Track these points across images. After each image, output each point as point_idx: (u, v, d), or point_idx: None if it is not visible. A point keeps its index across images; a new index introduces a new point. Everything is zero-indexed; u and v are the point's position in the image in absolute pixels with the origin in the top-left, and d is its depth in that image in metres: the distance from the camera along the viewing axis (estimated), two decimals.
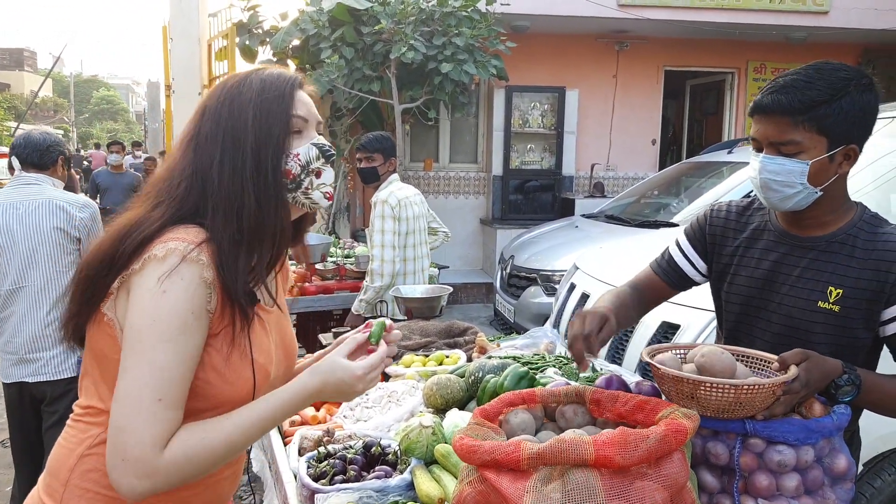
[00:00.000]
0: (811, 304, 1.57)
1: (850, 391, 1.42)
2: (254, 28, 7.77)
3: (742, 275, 1.71)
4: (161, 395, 1.08)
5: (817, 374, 1.39)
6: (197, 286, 1.11)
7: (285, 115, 1.23)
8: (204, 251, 1.13)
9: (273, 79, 1.25)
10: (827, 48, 9.34)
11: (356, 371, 1.24)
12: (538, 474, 1.15)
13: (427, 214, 4.10)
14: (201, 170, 1.19)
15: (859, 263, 1.54)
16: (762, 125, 1.55)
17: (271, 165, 1.20)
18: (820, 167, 1.51)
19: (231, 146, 1.19)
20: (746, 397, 1.30)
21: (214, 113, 1.22)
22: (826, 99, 1.48)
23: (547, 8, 8.06)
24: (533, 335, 2.59)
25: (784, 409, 1.36)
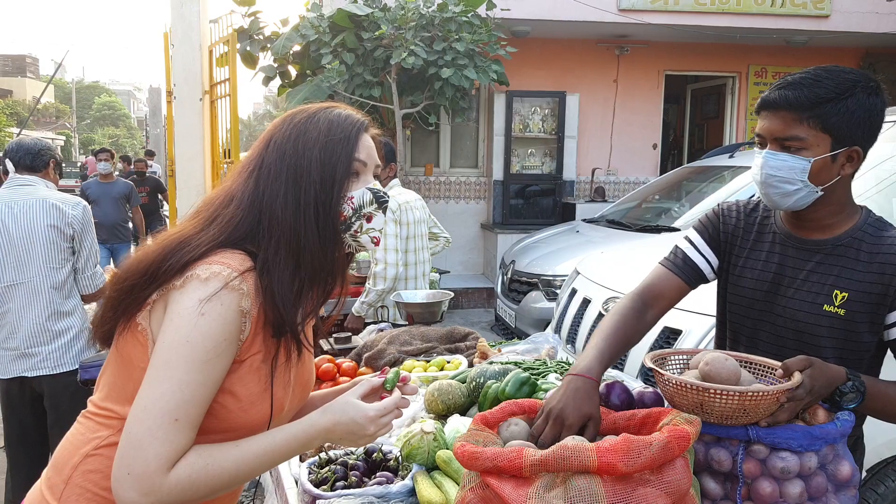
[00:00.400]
0: (816, 308, 1.57)
1: (855, 398, 1.42)
2: (255, 34, 7.79)
3: (747, 276, 1.70)
4: (178, 416, 1.09)
5: (821, 381, 1.38)
6: (234, 314, 1.13)
7: (348, 158, 1.25)
8: (246, 280, 1.15)
9: (340, 120, 1.27)
10: (828, 52, 9.35)
11: (369, 412, 1.24)
12: (540, 481, 1.14)
13: (428, 220, 4.10)
14: (261, 201, 1.21)
15: (864, 267, 1.54)
16: (767, 120, 1.55)
17: (332, 206, 1.23)
18: (822, 166, 1.51)
19: (294, 182, 1.21)
20: (750, 404, 1.29)
21: (280, 146, 1.24)
22: (833, 97, 1.48)
23: (547, 13, 8.07)
24: (534, 340, 2.58)
25: (788, 416, 1.34)
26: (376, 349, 2.63)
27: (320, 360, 2.60)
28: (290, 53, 7.71)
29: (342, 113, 1.29)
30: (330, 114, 1.28)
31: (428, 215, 4.10)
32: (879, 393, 1.47)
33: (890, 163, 3.14)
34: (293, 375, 1.30)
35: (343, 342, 2.95)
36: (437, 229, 4.24)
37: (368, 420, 1.23)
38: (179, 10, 8.13)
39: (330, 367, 2.54)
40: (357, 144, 1.27)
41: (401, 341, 2.70)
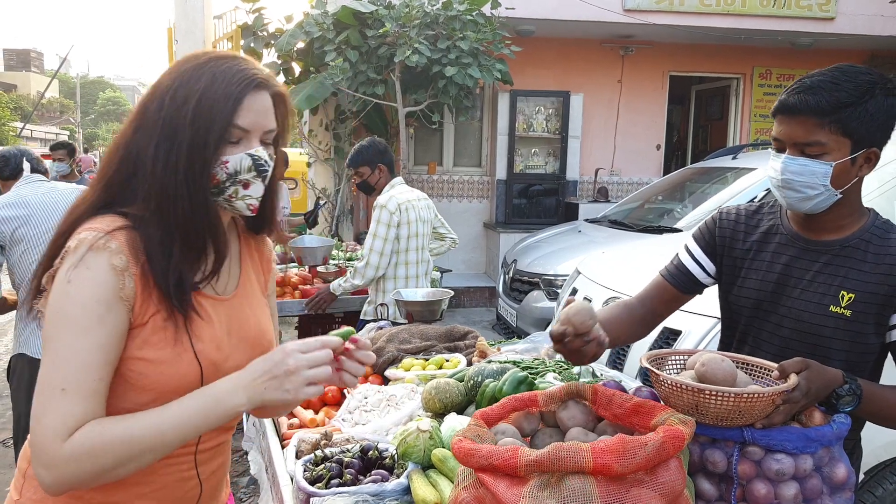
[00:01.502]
0: (822, 308, 1.57)
1: (851, 401, 1.42)
2: (258, 31, 7.80)
3: (753, 277, 1.70)
4: (64, 385, 1.06)
5: (818, 384, 1.38)
6: (106, 274, 1.09)
7: (224, 122, 1.15)
8: (115, 238, 1.11)
9: (227, 76, 1.16)
10: (833, 54, 9.32)
11: (286, 346, 1.13)
12: (535, 480, 1.14)
13: (434, 219, 4.09)
14: (136, 153, 1.16)
15: (871, 268, 1.54)
16: (787, 125, 1.54)
17: (204, 169, 1.16)
18: (842, 169, 1.51)
19: (167, 137, 1.14)
20: (746, 406, 1.29)
21: (161, 95, 1.16)
22: (853, 101, 1.48)
23: (552, 12, 8.06)
24: (533, 340, 2.58)
25: (783, 418, 1.34)
26: (375, 347, 2.63)
27: None
28: (293, 50, 7.71)
29: (233, 67, 1.18)
30: (219, 66, 1.17)
31: (434, 215, 4.09)
32: (876, 396, 1.47)
33: (893, 166, 3.14)
34: (227, 332, 1.25)
35: None
36: (443, 229, 4.23)
37: (285, 353, 1.12)
38: (184, 6, 8.15)
39: None
40: (238, 108, 1.16)
41: (400, 339, 2.70)
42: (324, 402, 2.39)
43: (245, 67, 1.19)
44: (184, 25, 8.14)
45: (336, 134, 8.17)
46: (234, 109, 1.16)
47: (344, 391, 2.39)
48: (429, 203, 4.00)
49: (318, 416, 2.24)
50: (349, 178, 8.15)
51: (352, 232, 8.29)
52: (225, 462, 1.36)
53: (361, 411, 2.17)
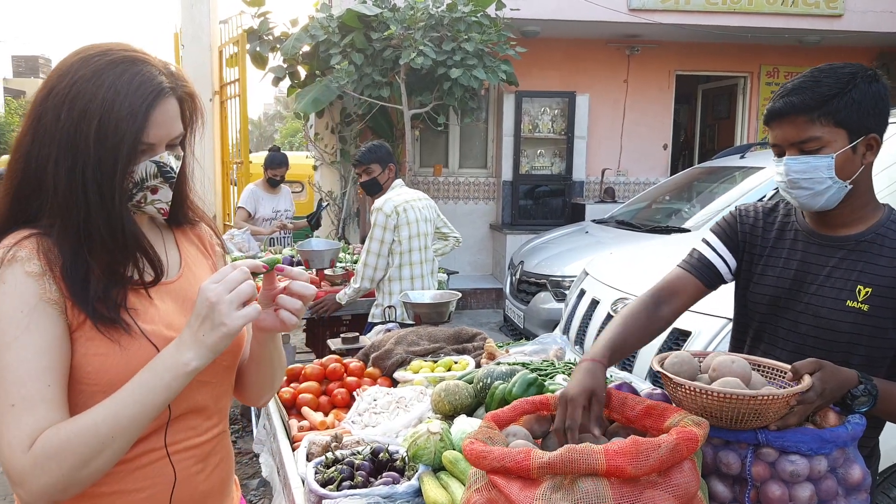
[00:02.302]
0: (839, 304, 1.57)
1: (867, 401, 1.41)
2: (264, 35, 7.81)
3: (769, 275, 1.71)
4: (13, 401, 1.03)
5: (832, 384, 1.38)
6: (21, 283, 1.06)
7: (134, 140, 1.11)
8: (22, 247, 1.08)
9: (130, 90, 1.11)
10: (841, 51, 9.28)
11: (202, 285, 1.10)
12: (548, 483, 1.14)
13: (436, 219, 4.09)
14: (36, 167, 1.11)
15: (888, 262, 1.55)
16: (780, 129, 1.58)
17: (109, 186, 1.11)
18: (845, 159, 1.53)
19: (68, 151, 1.09)
20: (761, 408, 1.28)
21: (57, 103, 1.10)
22: (837, 92, 1.51)
23: (557, 13, 8.05)
24: (542, 341, 2.58)
25: (798, 420, 1.34)
26: (384, 349, 2.63)
27: (328, 359, 2.60)
28: (299, 54, 7.72)
29: (135, 76, 1.12)
30: (119, 74, 1.11)
31: (436, 214, 4.10)
32: (892, 395, 1.47)
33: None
34: (177, 310, 1.22)
35: (350, 342, 2.95)
36: (446, 229, 4.24)
37: (202, 291, 1.08)
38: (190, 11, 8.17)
39: (337, 367, 2.54)
40: (146, 124, 1.12)
41: (408, 341, 2.70)
42: (333, 405, 2.39)
43: (148, 75, 1.13)
44: (190, 30, 8.16)
45: (342, 137, 8.17)
46: (142, 127, 1.12)
47: (353, 393, 2.39)
48: (430, 203, 4.01)
49: (328, 419, 2.24)
50: (355, 181, 8.17)
51: (358, 234, 8.29)
52: (223, 462, 1.32)
53: (371, 413, 2.17)
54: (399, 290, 3.75)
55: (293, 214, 6.11)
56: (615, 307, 3.53)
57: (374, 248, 3.75)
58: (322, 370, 2.53)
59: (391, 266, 3.80)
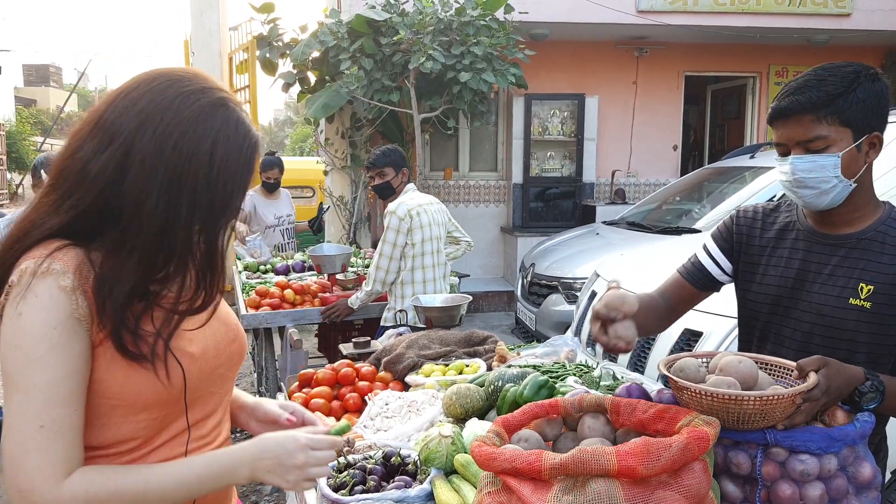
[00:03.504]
0: (842, 302, 1.58)
1: (874, 398, 1.41)
2: (274, 41, 7.85)
3: (771, 274, 1.72)
4: (42, 422, 1.02)
5: (838, 381, 1.38)
6: (55, 298, 1.04)
7: (244, 187, 1.17)
8: (57, 259, 1.06)
9: (238, 138, 1.14)
10: (849, 51, 9.22)
11: (300, 438, 1.17)
12: (559, 484, 1.14)
13: (447, 223, 4.11)
14: (125, 195, 1.08)
15: (889, 259, 1.55)
16: (786, 128, 1.58)
17: (216, 224, 1.16)
18: (850, 158, 1.54)
19: (173, 189, 1.09)
20: (766, 408, 1.29)
21: (160, 139, 1.09)
22: (842, 91, 1.52)
23: (565, 15, 8.05)
24: (553, 343, 2.58)
25: (805, 419, 1.34)
26: (395, 353, 2.64)
27: (340, 364, 2.62)
28: (308, 60, 7.76)
29: (239, 128, 1.15)
30: (226, 123, 1.13)
31: (448, 218, 4.11)
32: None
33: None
34: (207, 335, 1.22)
35: (362, 347, 2.97)
36: (458, 233, 4.25)
37: (298, 446, 1.16)
38: (200, 18, 8.24)
39: (349, 372, 2.55)
40: (251, 177, 1.17)
41: (419, 345, 2.71)
42: (345, 410, 2.41)
43: (247, 123, 1.17)
44: (200, 37, 8.22)
45: (352, 142, 8.21)
46: (250, 176, 1.18)
47: (365, 398, 2.41)
48: (441, 207, 4.02)
49: None
50: (366, 185, 8.20)
51: (369, 239, 8.32)
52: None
53: (383, 417, 2.18)
54: (411, 294, 3.76)
55: (294, 219, 6.09)
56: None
57: (387, 252, 3.76)
58: (334, 375, 2.54)
59: (403, 270, 3.81)
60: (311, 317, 4.09)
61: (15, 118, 27.40)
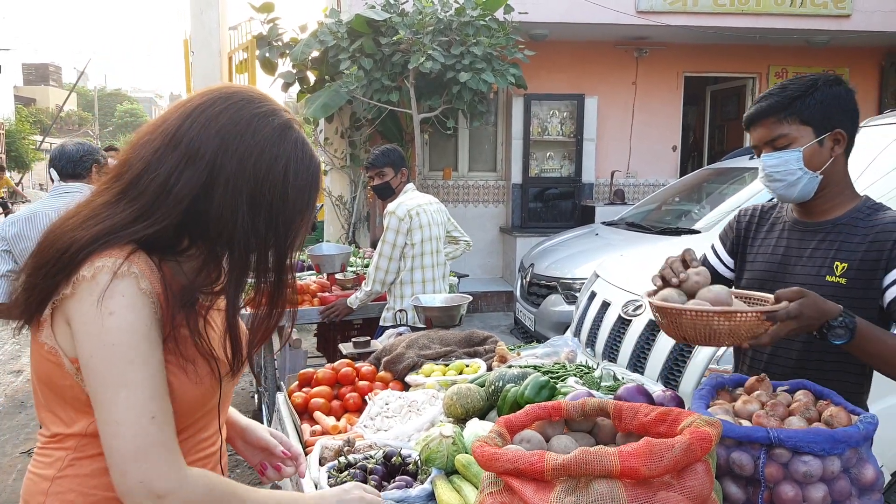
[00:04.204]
0: (820, 279, 1.75)
1: (843, 334, 1.52)
2: (273, 40, 7.85)
3: (759, 261, 1.92)
4: (153, 413, 1.07)
5: (810, 311, 1.49)
6: (139, 298, 1.08)
7: (312, 205, 1.23)
8: (134, 262, 1.09)
9: (306, 158, 1.21)
10: (849, 52, 9.24)
11: (365, 496, 1.33)
12: (561, 486, 1.14)
13: (446, 222, 4.10)
14: (212, 214, 1.14)
15: (861, 239, 1.73)
16: (756, 132, 1.81)
17: (287, 235, 1.21)
18: (812, 152, 1.74)
19: (253, 202, 1.15)
20: (732, 324, 1.43)
21: (241, 158, 1.14)
22: (800, 94, 1.73)
23: (565, 16, 8.05)
24: (553, 344, 2.57)
25: (770, 340, 1.47)
26: (395, 353, 2.64)
27: (340, 364, 2.62)
28: (308, 59, 7.76)
29: (306, 148, 1.21)
30: (296, 146, 1.20)
31: (447, 218, 4.11)
32: (875, 338, 1.56)
33: None
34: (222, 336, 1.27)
35: (361, 346, 2.97)
36: (457, 233, 4.25)
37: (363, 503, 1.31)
38: (199, 18, 8.23)
39: (349, 371, 2.55)
40: (319, 188, 1.25)
41: (419, 345, 2.71)
42: (345, 409, 2.40)
43: (310, 146, 1.23)
44: (200, 37, 8.22)
45: (351, 141, 8.21)
46: (315, 198, 1.24)
47: (365, 398, 2.40)
48: (440, 207, 4.02)
49: (340, 423, 2.25)
50: (365, 185, 8.20)
51: (368, 239, 8.32)
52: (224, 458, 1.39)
53: (383, 417, 2.18)
54: (411, 294, 3.76)
55: None
56: (626, 309, 3.53)
57: (386, 252, 3.76)
58: (334, 374, 2.54)
59: (403, 270, 3.81)
60: (311, 316, 4.09)
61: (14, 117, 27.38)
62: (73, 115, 45.68)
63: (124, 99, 63.92)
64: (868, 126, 4.34)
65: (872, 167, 3.74)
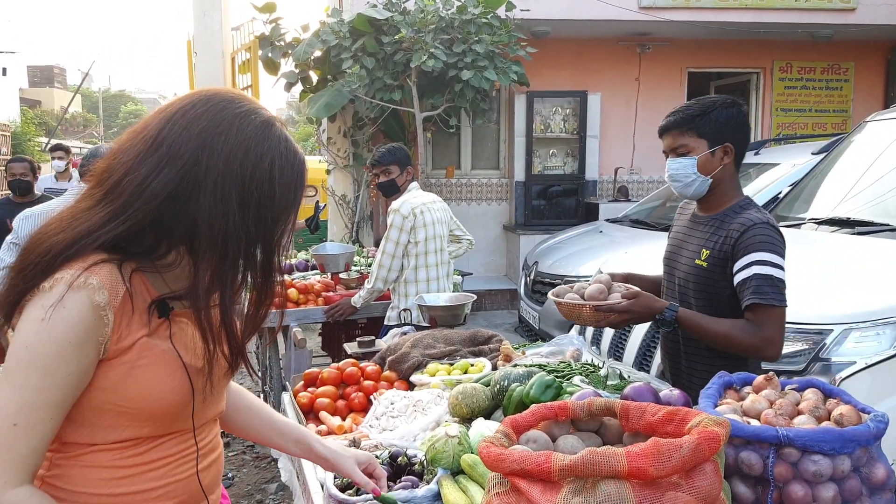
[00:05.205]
0: (691, 263, 2.21)
1: (667, 324, 2.06)
2: (276, 40, 7.84)
3: (669, 244, 2.40)
4: (17, 421, 1.05)
5: (638, 307, 2.07)
6: (84, 314, 1.07)
7: (298, 202, 1.23)
8: (94, 273, 1.09)
9: (291, 153, 1.20)
10: (854, 46, 9.19)
11: None
12: (569, 486, 1.13)
13: (449, 221, 4.10)
14: (200, 214, 1.13)
15: (723, 232, 2.13)
16: (665, 140, 2.23)
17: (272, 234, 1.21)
18: (705, 161, 2.16)
19: (241, 203, 1.15)
20: (574, 312, 2.14)
21: (227, 156, 1.14)
22: (700, 113, 2.15)
23: (567, 12, 8.03)
24: (559, 342, 2.56)
25: (607, 324, 2.15)
26: (400, 352, 2.63)
27: (345, 363, 2.61)
28: (311, 59, 7.75)
29: (290, 145, 1.21)
30: (279, 141, 1.19)
31: (450, 217, 4.10)
32: (692, 323, 2.06)
33: None
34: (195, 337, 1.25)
35: (366, 346, 2.96)
36: (459, 232, 4.24)
37: None
38: (202, 19, 8.23)
39: (354, 371, 2.54)
40: (304, 183, 1.24)
41: (424, 344, 2.70)
42: (351, 409, 2.40)
43: (293, 141, 1.22)
44: (203, 38, 8.21)
45: (354, 140, 8.20)
46: (300, 194, 1.23)
47: (370, 397, 2.40)
48: (443, 205, 4.01)
49: (345, 423, 2.25)
50: (368, 184, 8.19)
51: (372, 238, 8.31)
52: (220, 457, 1.37)
53: (388, 417, 2.17)
54: (415, 293, 3.75)
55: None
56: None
57: (389, 249, 3.75)
58: (339, 374, 2.53)
59: (406, 268, 3.80)
60: (315, 316, 4.09)
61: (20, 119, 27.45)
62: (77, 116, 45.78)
63: (128, 100, 64.04)
64: (875, 121, 4.31)
65: (880, 161, 3.72)
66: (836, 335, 2.69)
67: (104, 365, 1.12)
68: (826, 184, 4.25)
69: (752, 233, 2.04)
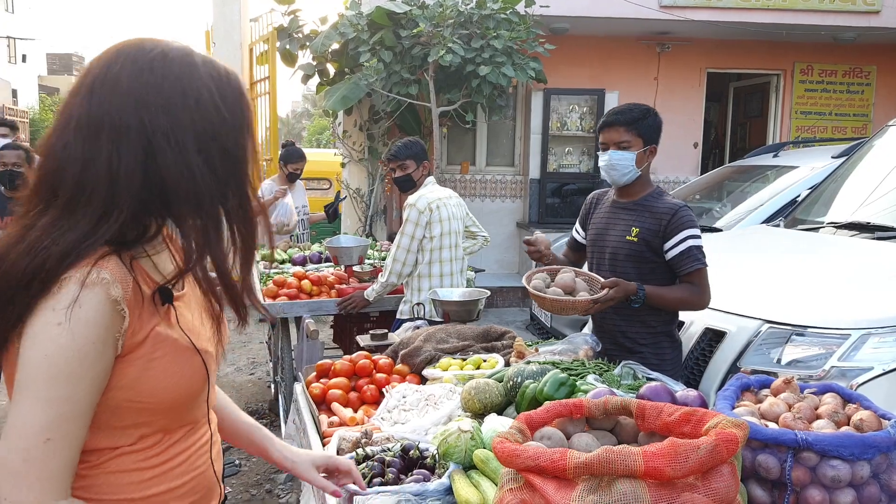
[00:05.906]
0: (622, 239, 2.66)
1: (638, 301, 2.51)
2: (294, 32, 7.85)
3: (592, 228, 2.82)
4: (50, 435, 0.99)
5: (618, 293, 2.47)
6: (102, 312, 1.01)
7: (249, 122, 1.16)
8: (103, 267, 1.02)
9: (223, 78, 1.12)
10: (877, 49, 9.07)
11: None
12: (584, 484, 1.12)
13: (465, 217, 4.09)
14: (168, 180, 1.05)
15: (650, 214, 2.62)
16: (608, 134, 2.66)
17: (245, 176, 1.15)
18: (640, 156, 2.64)
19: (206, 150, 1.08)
20: (559, 306, 2.45)
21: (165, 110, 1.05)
22: (642, 117, 2.63)
23: (587, 9, 7.98)
24: (572, 341, 2.55)
25: (594, 312, 2.57)
26: (412, 346, 2.63)
27: (357, 356, 2.61)
28: (328, 51, 7.76)
29: (215, 65, 1.12)
30: (205, 65, 1.11)
31: (465, 213, 4.09)
32: (656, 296, 2.54)
33: None
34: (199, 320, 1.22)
35: (379, 339, 2.96)
36: (475, 228, 4.22)
37: None
38: (221, 9, 8.26)
39: (367, 364, 2.54)
40: (249, 101, 1.16)
41: (437, 339, 2.69)
42: (363, 401, 2.40)
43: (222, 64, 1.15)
44: (221, 28, 8.25)
45: (370, 134, 8.20)
46: (249, 115, 1.17)
47: (382, 390, 2.39)
48: (459, 201, 4.00)
49: (357, 415, 2.25)
50: (383, 178, 8.19)
51: (385, 231, 8.32)
52: (219, 442, 1.36)
53: (400, 410, 2.17)
54: (428, 288, 3.74)
55: (308, 210, 6.11)
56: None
57: (405, 244, 3.74)
58: (351, 366, 2.53)
59: (421, 263, 3.79)
60: (328, 308, 4.09)
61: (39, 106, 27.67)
62: None
63: None
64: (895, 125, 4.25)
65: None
66: (853, 340, 2.66)
67: (120, 362, 1.06)
68: (846, 188, 4.20)
69: (679, 215, 2.57)
